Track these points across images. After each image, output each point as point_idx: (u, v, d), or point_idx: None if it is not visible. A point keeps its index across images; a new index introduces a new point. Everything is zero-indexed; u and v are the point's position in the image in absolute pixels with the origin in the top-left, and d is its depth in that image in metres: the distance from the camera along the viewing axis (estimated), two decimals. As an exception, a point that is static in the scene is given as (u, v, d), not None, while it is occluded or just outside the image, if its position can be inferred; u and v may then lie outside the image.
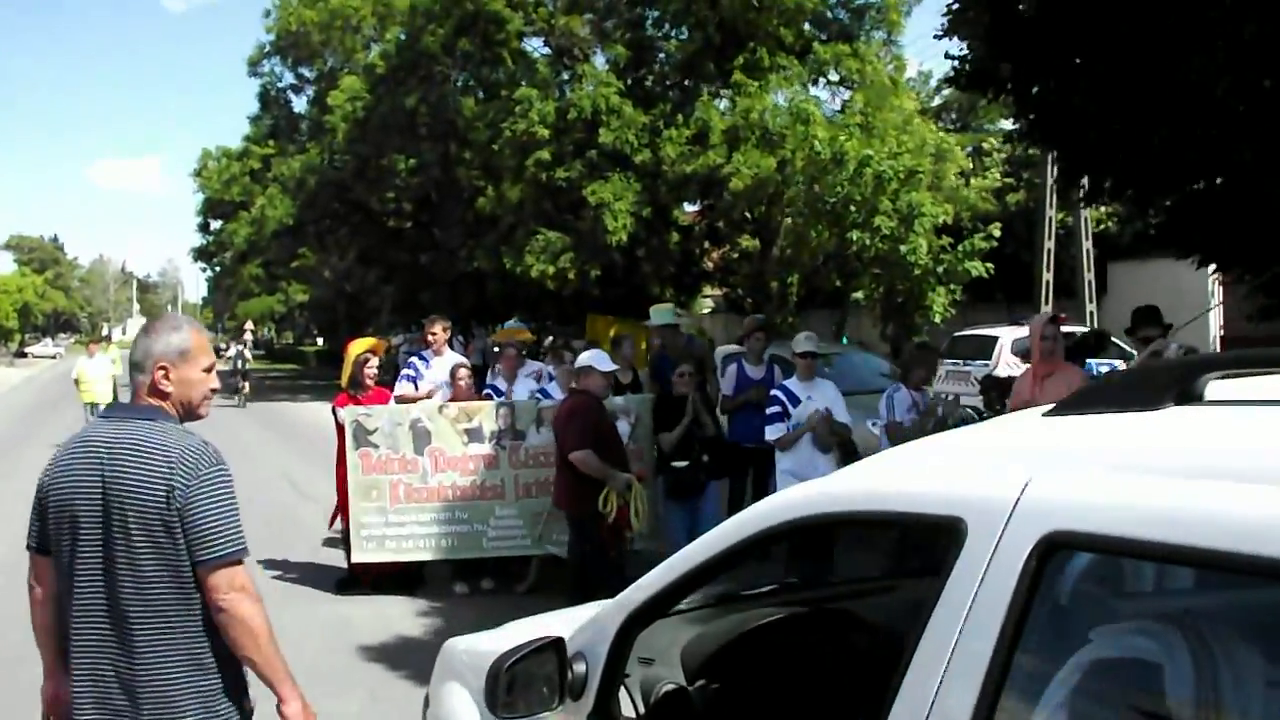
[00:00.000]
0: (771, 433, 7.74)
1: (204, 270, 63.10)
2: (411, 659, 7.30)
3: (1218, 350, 19.45)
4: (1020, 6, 8.68)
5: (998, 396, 10.60)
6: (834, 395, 8.05)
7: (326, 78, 34.41)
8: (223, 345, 50.90)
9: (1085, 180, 11.23)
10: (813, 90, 24.87)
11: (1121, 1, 7.76)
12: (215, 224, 43.95)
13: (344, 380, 9.47)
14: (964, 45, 10.51)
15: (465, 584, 9.10)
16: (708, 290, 35.82)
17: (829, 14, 25.28)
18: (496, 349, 22.31)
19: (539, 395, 9.18)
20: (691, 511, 8.29)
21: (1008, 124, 39.22)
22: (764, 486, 10.06)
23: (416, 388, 9.80)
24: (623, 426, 8.96)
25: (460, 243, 29.71)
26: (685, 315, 22.59)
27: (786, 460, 7.77)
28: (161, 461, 3.05)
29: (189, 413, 3.29)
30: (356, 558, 8.91)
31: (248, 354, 37.40)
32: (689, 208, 28.78)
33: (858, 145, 20.21)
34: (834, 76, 25.20)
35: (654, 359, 10.58)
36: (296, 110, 39.44)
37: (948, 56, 10.92)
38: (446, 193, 31.54)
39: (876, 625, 3.31)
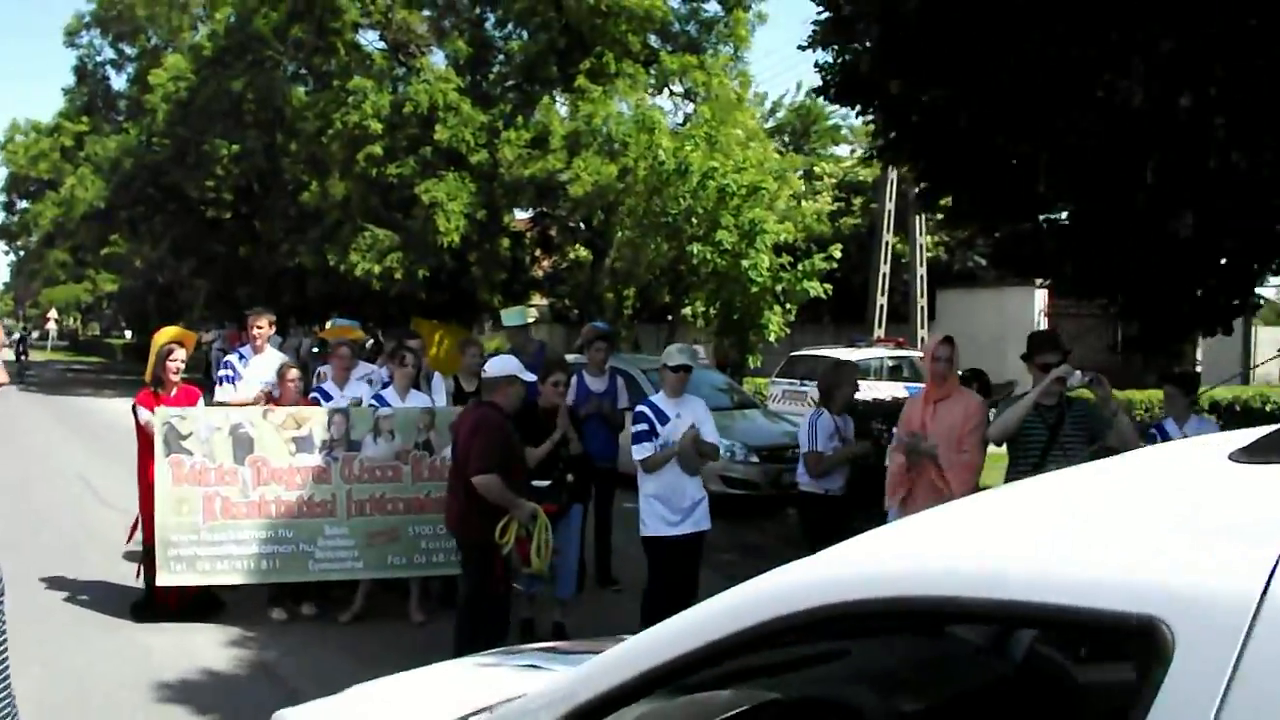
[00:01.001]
0: (639, 452, 7.07)
1: (6, 252, 59.62)
2: (221, 698, 6.44)
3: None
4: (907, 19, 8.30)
5: (882, 421, 10.13)
6: (704, 413, 7.45)
7: (149, 55, 32.48)
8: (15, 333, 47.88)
9: (950, 199, 11.06)
10: (656, 101, 24.55)
11: (1030, 15, 7.47)
12: (21, 203, 41.23)
13: (148, 375, 8.37)
14: (836, 56, 10.19)
15: (283, 609, 8.16)
16: (536, 299, 35.20)
17: (677, 25, 24.96)
18: (315, 349, 21.41)
19: (375, 402, 8.31)
20: None
21: (840, 150, 40.22)
22: (606, 511, 9.44)
23: (235, 389, 8.83)
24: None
25: (282, 237, 28.36)
26: (536, 318, 21.97)
27: (651, 483, 7.11)
28: None
29: None
30: (162, 580, 7.79)
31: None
32: (520, 214, 28.13)
33: (702, 158, 19.88)
34: (679, 88, 24.90)
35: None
36: (115, 88, 37.24)
37: (818, 67, 10.57)
38: (270, 184, 30.14)
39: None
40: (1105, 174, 7.97)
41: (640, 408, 7.25)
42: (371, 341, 15.69)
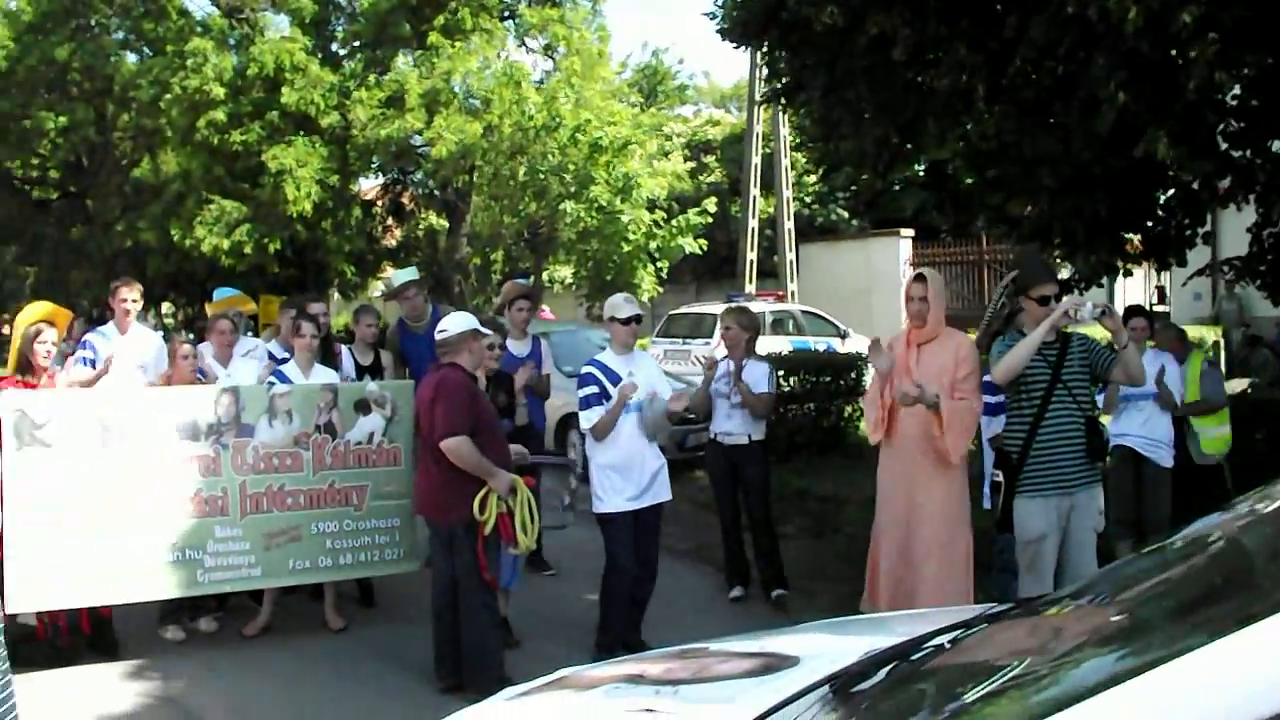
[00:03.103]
0: (588, 418, 6.20)
1: None
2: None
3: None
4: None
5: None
6: (657, 370, 6.62)
7: (-40, 24, 29.77)
8: None
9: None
10: (515, 57, 23.50)
11: None
12: None
13: (10, 363, 6.97)
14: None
15: (179, 627, 7.04)
16: (388, 270, 33.89)
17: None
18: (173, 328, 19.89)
19: (274, 379, 7.19)
20: None
21: (685, 110, 39.85)
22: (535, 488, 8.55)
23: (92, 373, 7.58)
24: (375, 420, 7.20)
25: (118, 215, 26.31)
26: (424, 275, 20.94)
27: (606, 453, 6.25)
28: None
29: None
30: (16, 606, 6.32)
31: None
32: (365, 184, 26.80)
33: (573, 112, 19.03)
34: (537, 44, 23.86)
35: (393, 333, 8.75)
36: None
37: (766, 66, 9.92)
38: (101, 159, 27.98)
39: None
40: (1063, 93, 7.36)
41: (587, 368, 6.38)
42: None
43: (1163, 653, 1.71)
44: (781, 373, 12.15)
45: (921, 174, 19.05)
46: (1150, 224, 8.56)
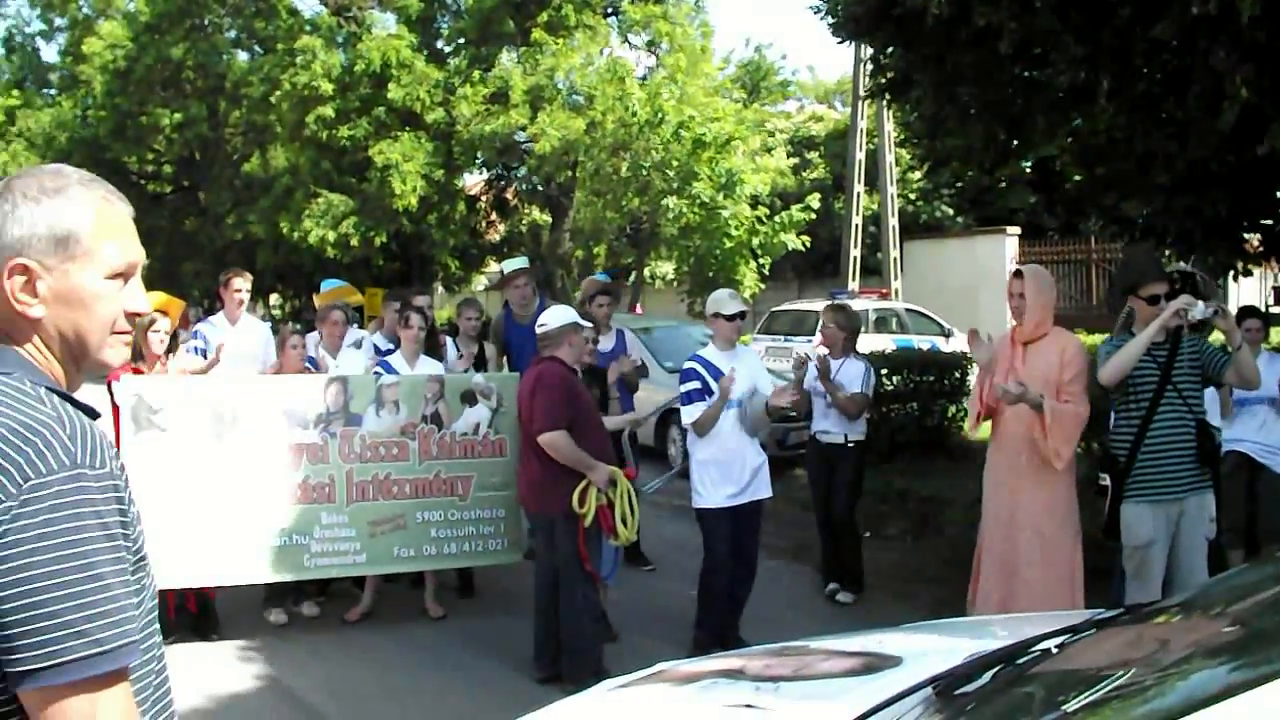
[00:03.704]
0: (690, 413, 6.21)
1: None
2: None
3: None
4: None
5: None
6: (759, 366, 6.60)
7: (81, 25, 30.69)
8: None
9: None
10: (619, 53, 23.59)
11: None
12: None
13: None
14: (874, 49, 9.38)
15: (282, 610, 7.20)
16: (492, 265, 34.22)
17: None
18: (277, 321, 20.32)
19: (379, 370, 7.31)
20: None
21: (788, 105, 39.56)
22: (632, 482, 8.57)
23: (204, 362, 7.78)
24: (481, 412, 7.29)
25: (229, 208, 27.00)
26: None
27: (706, 449, 6.25)
28: None
29: (77, 359, 1.74)
30: None
31: None
32: (469, 179, 27.08)
33: (677, 108, 19.03)
34: (640, 40, 23.90)
35: (498, 321, 8.80)
36: (46, 59, 35.36)
37: (873, 61, 9.76)
38: (213, 154, 28.74)
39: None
40: (1178, 87, 7.15)
41: (689, 364, 6.37)
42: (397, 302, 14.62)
43: (1278, 666, 1.66)
44: (885, 371, 12.04)
45: (1028, 171, 18.70)
46: (1270, 222, 8.30)
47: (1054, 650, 2.39)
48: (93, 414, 1.67)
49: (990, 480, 6.09)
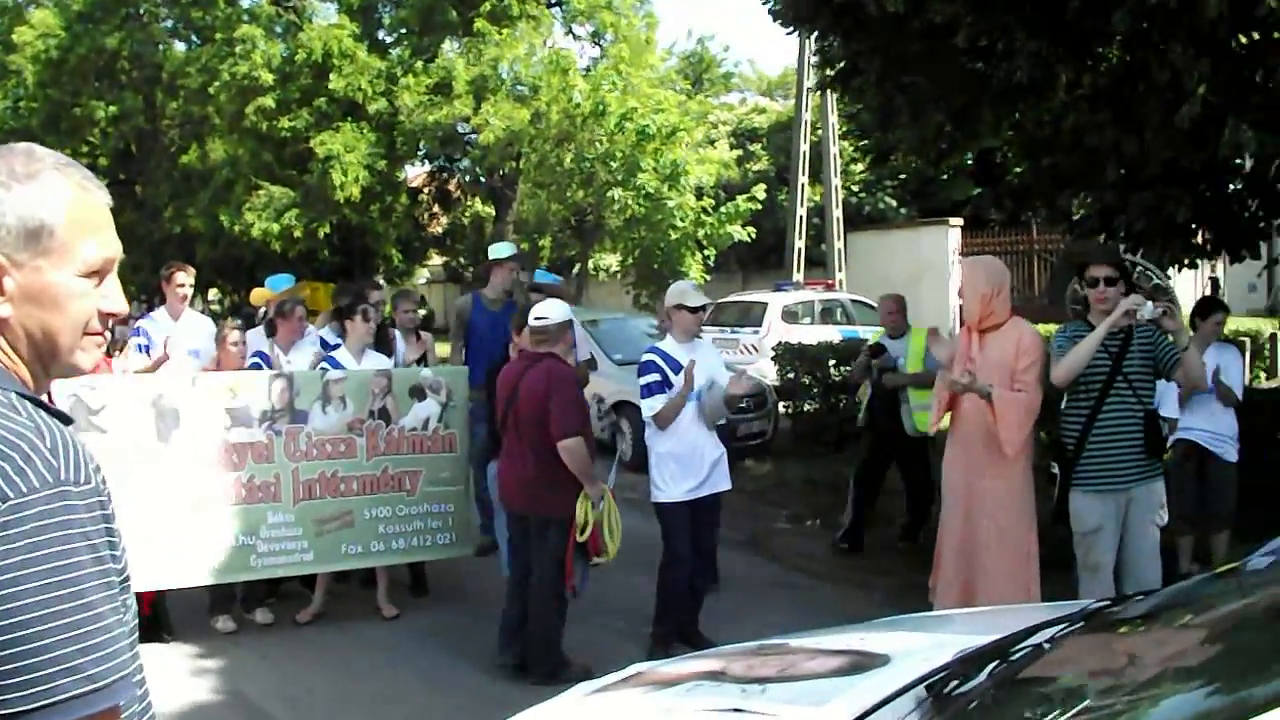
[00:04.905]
0: (650, 406, 6.12)
1: None
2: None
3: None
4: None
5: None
6: (717, 358, 6.54)
7: (11, 12, 30.03)
8: None
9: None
10: (562, 43, 23.48)
11: None
12: None
13: None
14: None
15: (229, 618, 7.00)
16: (434, 258, 33.95)
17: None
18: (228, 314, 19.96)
19: (326, 365, 7.15)
20: None
21: (731, 98, 39.53)
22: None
23: (149, 358, 7.57)
24: (430, 407, 7.17)
25: (166, 201, 26.54)
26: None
27: (666, 441, 6.16)
28: None
29: (45, 362, 1.56)
30: None
31: None
32: (411, 171, 26.86)
33: (620, 99, 18.94)
34: (584, 30, 23.83)
35: (466, 303, 8.65)
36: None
37: (819, 54, 9.74)
38: (150, 146, 28.24)
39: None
40: (1133, 81, 7.17)
41: (648, 356, 6.28)
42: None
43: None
44: (833, 362, 12.08)
45: (970, 163, 18.76)
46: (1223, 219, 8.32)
47: (1045, 646, 2.34)
48: (66, 420, 1.51)
49: (949, 470, 6.08)
